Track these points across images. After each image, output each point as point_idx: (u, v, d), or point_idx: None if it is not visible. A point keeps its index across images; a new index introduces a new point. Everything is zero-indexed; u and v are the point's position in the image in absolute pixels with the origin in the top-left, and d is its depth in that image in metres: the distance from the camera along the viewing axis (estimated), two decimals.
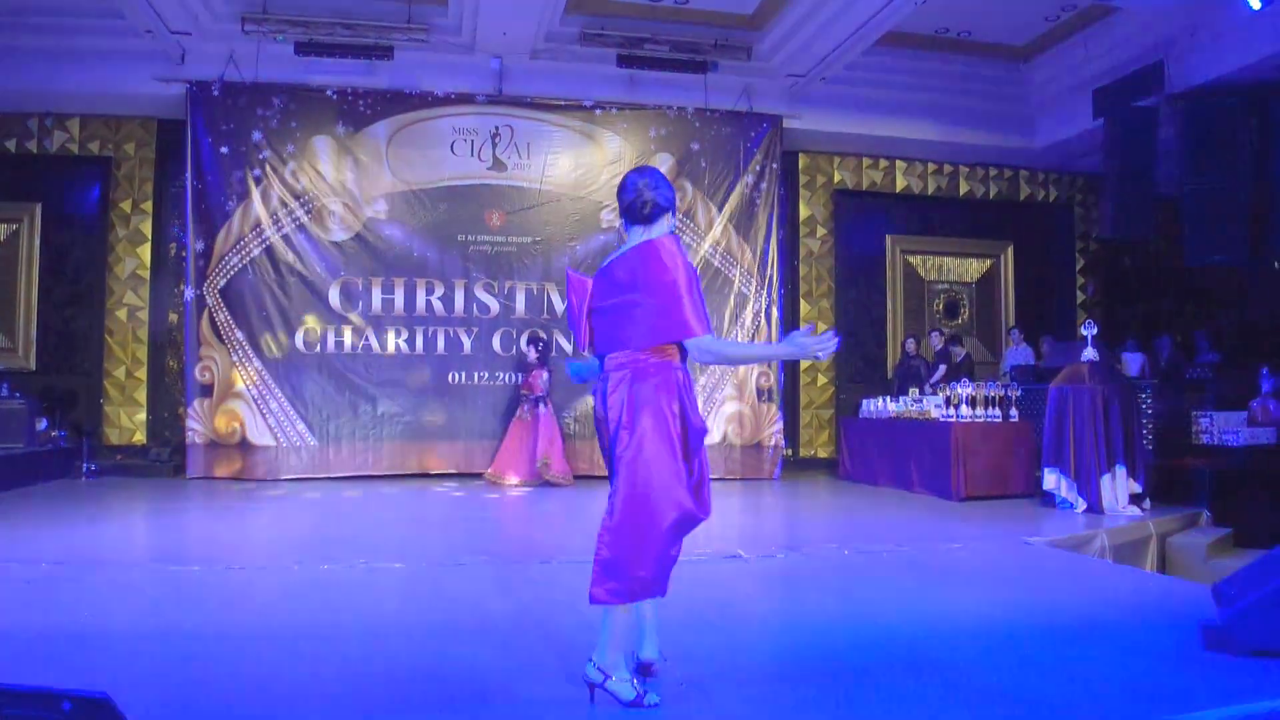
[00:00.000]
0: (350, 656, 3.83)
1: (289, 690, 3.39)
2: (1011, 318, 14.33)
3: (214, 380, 11.26)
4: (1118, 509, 8.30)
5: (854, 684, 3.51)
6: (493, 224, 12.04)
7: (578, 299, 3.53)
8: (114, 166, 11.82)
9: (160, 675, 3.49)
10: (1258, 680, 3.48)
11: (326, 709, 3.23)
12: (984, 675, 3.62)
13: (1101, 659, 3.84)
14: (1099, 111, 11.74)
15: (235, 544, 6.80)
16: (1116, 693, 3.39)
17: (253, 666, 3.65)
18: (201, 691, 3.34)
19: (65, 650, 3.82)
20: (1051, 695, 3.38)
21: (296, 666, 3.68)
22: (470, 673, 3.61)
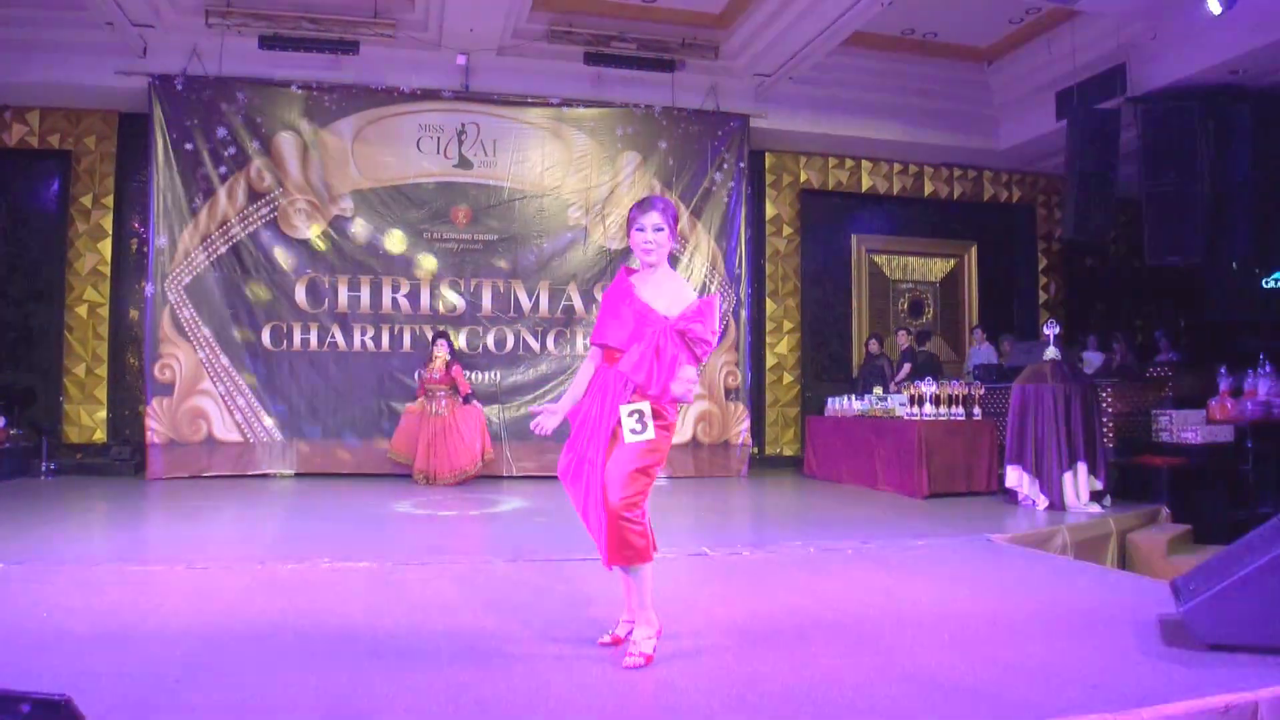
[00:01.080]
0: (314, 654, 3.80)
1: (251, 691, 3.36)
2: (975, 317, 14.47)
3: (175, 378, 11.14)
4: (1079, 506, 8.40)
5: (816, 679, 3.53)
6: (459, 221, 11.99)
7: None
8: (74, 160, 11.66)
9: (120, 676, 3.45)
10: (1216, 674, 3.53)
11: (290, 706, 3.21)
12: (945, 669, 3.65)
13: (1062, 653, 3.88)
14: (1061, 113, 11.90)
15: (198, 543, 6.73)
16: (1077, 687, 3.42)
17: (214, 667, 3.61)
18: (162, 693, 3.30)
19: (24, 652, 3.76)
20: (1011, 688, 3.42)
21: (259, 667, 3.64)
22: (435, 669, 3.59)
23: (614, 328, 3.86)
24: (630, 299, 3.87)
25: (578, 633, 4.18)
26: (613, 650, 3.87)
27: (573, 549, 6.33)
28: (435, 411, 10.86)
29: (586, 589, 5.15)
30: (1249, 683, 3.36)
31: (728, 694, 3.37)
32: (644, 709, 3.24)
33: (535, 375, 12.09)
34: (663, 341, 3.74)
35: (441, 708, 3.20)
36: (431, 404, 10.89)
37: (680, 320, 3.76)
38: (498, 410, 11.85)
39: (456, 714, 3.16)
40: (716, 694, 3.37)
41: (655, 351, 3.74)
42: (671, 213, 3.92)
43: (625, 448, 3.73)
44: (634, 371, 3.74)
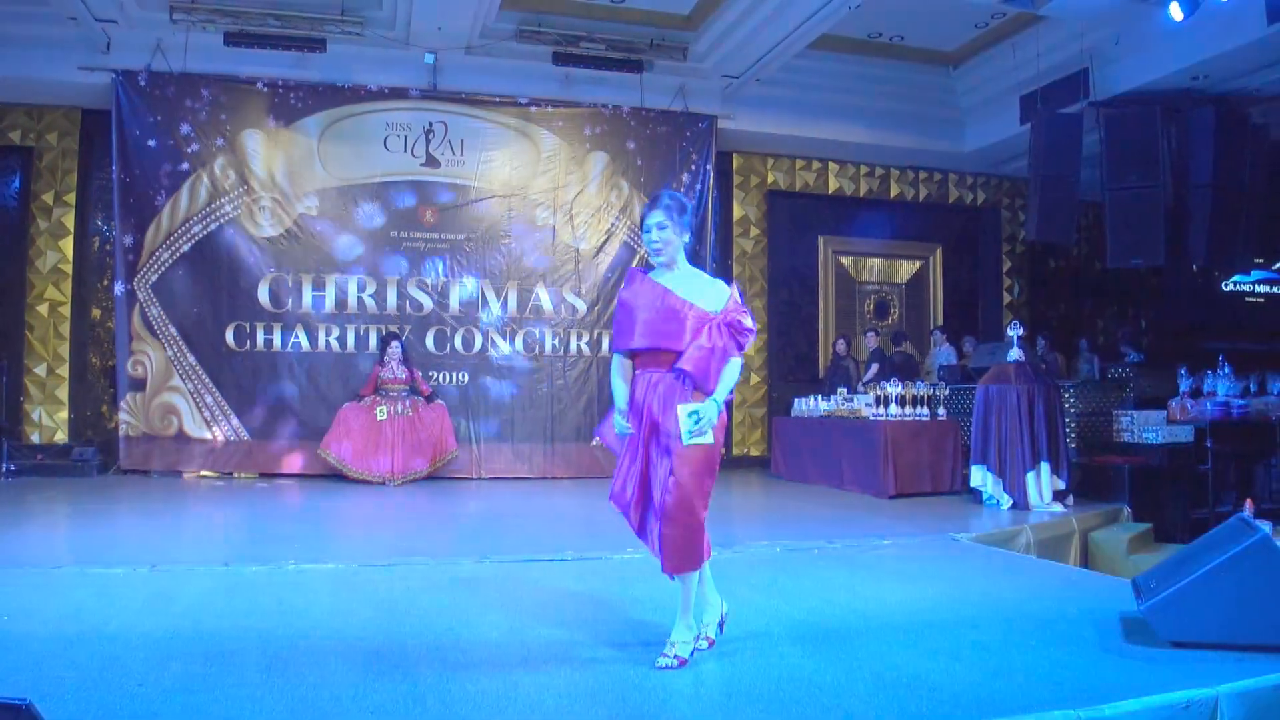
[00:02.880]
0: (279, 657, 3.77)
1: (215, 695, 3.33)
2: (940, 318, 14.58)
3: (146, 374, 11.07)
4: (1042, 505, 8.49)
5: (784, 678, 3.55)
6: (426, 220, 11.94)
7: None
8: (35, 157, 11.49)
9: (83, 680, 3.41)
10: (1177, 670, 3.58)
11: (254, 710, 3.18)
12: (910, 667, 3.68)
13: (1026, 650, 3.92)
14: (1025, 117, 12.02)
15: (162, 544, 6.66)
16: (1040, 683, 3.46)
17: (178, 670, 3.57)
18: (125, 696, 3.26)
19: None
20: (975, 685, 3.45)
21: (222, 670, 3.61)
22: (401, 671, 3.58)
23: (653, 328, 3.79)
24: (665, 296, 3.80)
25: (546, 633, 4.17)
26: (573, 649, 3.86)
27: (539, 549, 6.34)
28: (399, 411, 10.82)
29: (554, 588, 5.15)
30: (1209, 679, 3.41)
31: (696, 693, 3.38)
32: (608, 710, 3.24)
33: (503, 376, 12.05)
34: (717, 337, 3.73)
35: (409, 709, 3.19)
36: (393, 404, 10.85)
37: (725, 314, 3.76)
38: (465, 411, 11.81)
39: (424, 715, 3.15)
40: (684, 692, 3.38)
41: (713, 348, 3.71)
42: (676, 205, 3.86)
43: (688, 451, 3.69)
44: (697, 371, 3.69)
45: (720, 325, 3.73)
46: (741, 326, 3.77)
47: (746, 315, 3.81)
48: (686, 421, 3.63)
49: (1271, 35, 9.31)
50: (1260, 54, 9.94)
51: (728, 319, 3.75)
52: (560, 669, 3.65)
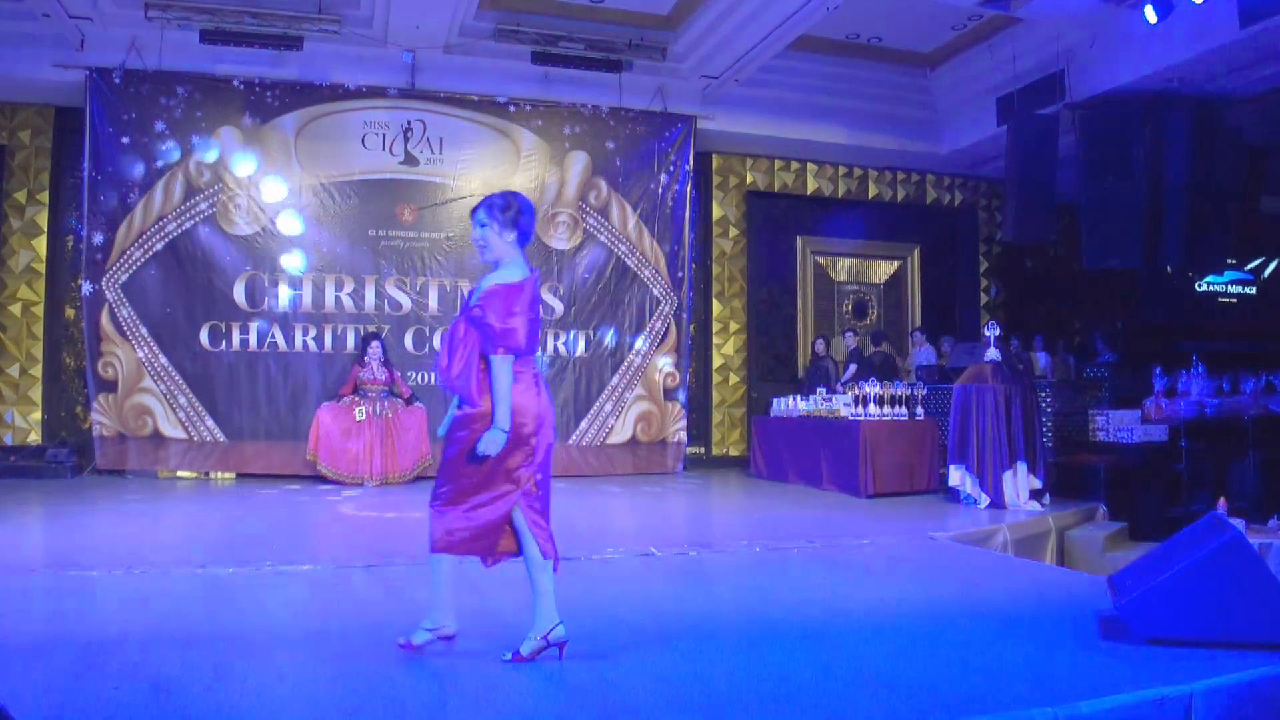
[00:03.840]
0: (257, 660, 3.75)
1: (192, 695, 3.31)
2: (918, 318, 14.64)
3: (117, 376, 10.94)
4: (1019, 504, 8.54)
5: (762, 675, 3.55)
6: (405, 219, 11.89)
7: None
8: (8, 155, 11.34)
9: (57, 684, 3.38)
10: (1152, 667, 3.61)
11: (230, 713, 3.16)
12: (889, 665, 3.70)
13: (1002, 648, 3.95)
14: (1002, 119, 12.09)
15: (137, 546, 6.60)
16: (1017, 680, 3.48)
17: (154, 673, 3.54)
18: (100, 700, 3.23)
19: None
20: (954, 683, 3.47)
21: (199, 671, 3.58)
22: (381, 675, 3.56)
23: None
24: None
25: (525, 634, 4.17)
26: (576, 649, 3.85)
27: None
28: (378, 412, 10.72)
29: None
30: (1183, 676, 3.45)
31: (674, 693, 3.38)
32: (586, 708, 3.24)
33: None
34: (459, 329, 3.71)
35: (388, 711, 3.18)
36: (372, 405, 10.75)
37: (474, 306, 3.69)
38: (443, 411, 11.74)
39: (403, 717, 3.14)
40: (663, 693, 3.38)
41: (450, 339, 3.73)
42: (500, 203, 3.83)
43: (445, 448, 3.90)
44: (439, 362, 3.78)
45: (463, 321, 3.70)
46: (479, 319, 3.66)
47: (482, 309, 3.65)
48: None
49: (1245, 38, 9.38)
50: (1234, 56, 10.02)
51: (469, 312, 3.69)
52: (538, 669, 3.64)
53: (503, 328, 3.63)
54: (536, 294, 3.87)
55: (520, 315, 3.69)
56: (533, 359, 3.89)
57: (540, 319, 3.98)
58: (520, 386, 3.73)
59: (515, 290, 3.70)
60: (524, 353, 3.75)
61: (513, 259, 3.83)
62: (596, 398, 12.36)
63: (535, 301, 3.84)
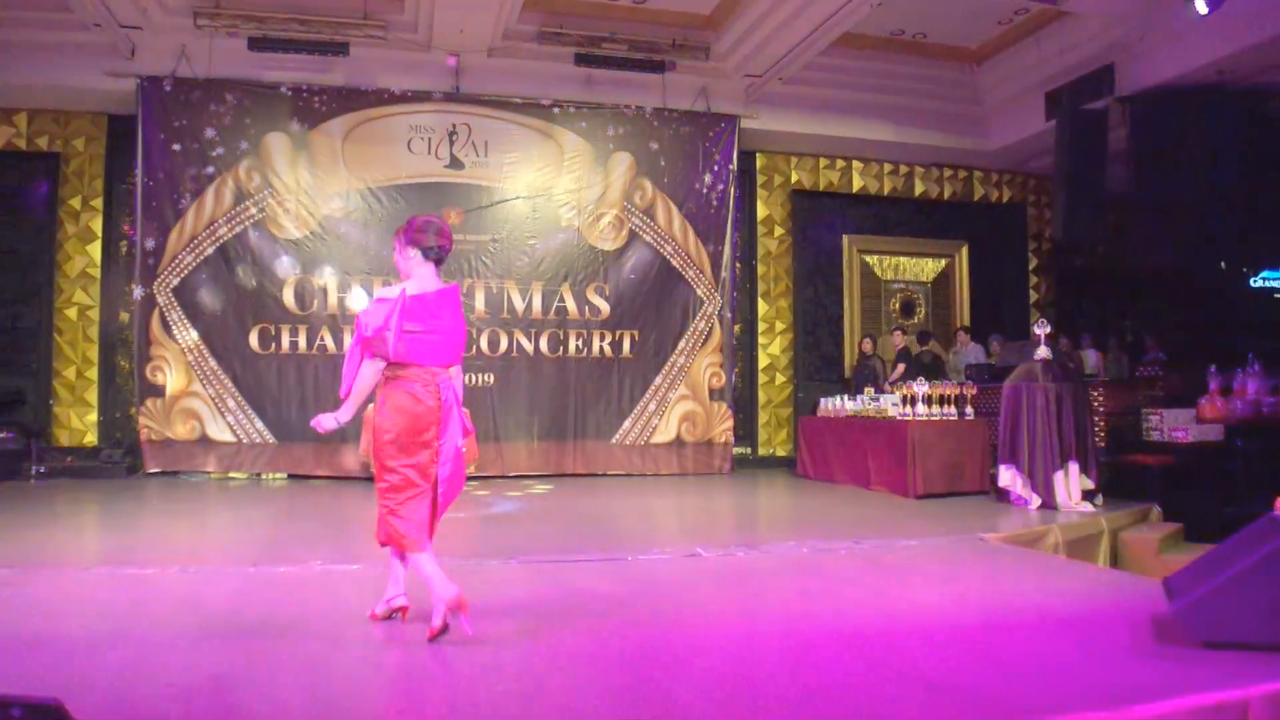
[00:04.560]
0: (307, 656, 3.79)
1: (244, 690, 3.35)
2: (966, 317, 14.49)
3: (166, 380, 11.12)
4: (1071, 505, 8.40)
5: (811, 678, 3.53)
6: (451, 222, 11.92)
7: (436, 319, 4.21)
8: (62, 163, 11.60)
9: (113, 680, 3.44)
10: (1209, 671, 3.53)
11: (283, 708, 3.19)
12: (937, 668, 3.65)
13: (1056, 652, 3.89)
14: (1050, 113, 11.93)
15: (191, 545, 6.71)
16: (1069, 684, 3.43)
17: (207, 669, 3.60)
18: (154, 696, 3.28)
19: (15, 655, 3.74)
20: (1004, 687, 3.42)
21: (251, 669, 3.63)
22: (429, 672, 3.59)
23: None
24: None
25: (572, 633, 4.17)
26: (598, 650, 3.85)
27: (566, 551, 6.34)
28: None
29: (579, 589, 5.14)
30: (1241, 680, 3.37)
31: (720, 693, 3.37)
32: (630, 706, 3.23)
33: (527, 376, 12.07)
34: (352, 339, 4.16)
35: (436, 709, 3.19)
36: None
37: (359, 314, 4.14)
38: (490, 411, 11.85)
39: (450, 715, 3.15)
40: (709, 693, 3.37)
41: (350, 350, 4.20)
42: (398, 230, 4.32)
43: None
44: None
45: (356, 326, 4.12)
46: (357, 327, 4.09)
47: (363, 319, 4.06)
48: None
49: None
50: None
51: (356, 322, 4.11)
52: (586, 670, 3.65)
53: (370, 336, 4.04)
54: (434, 308, 4.18)
55: (389, 326, 4.03)
56: (426, 369, 4.15)
57: (441, 332, 4.21)
58: (403, 391, 4.11)
59: (387, 303, 4.08)
60: (402, 361, 4.10)
61: (415, 274, 4.24)
62: (640, 398, 12.37)
63: (425, 315, 4.13)
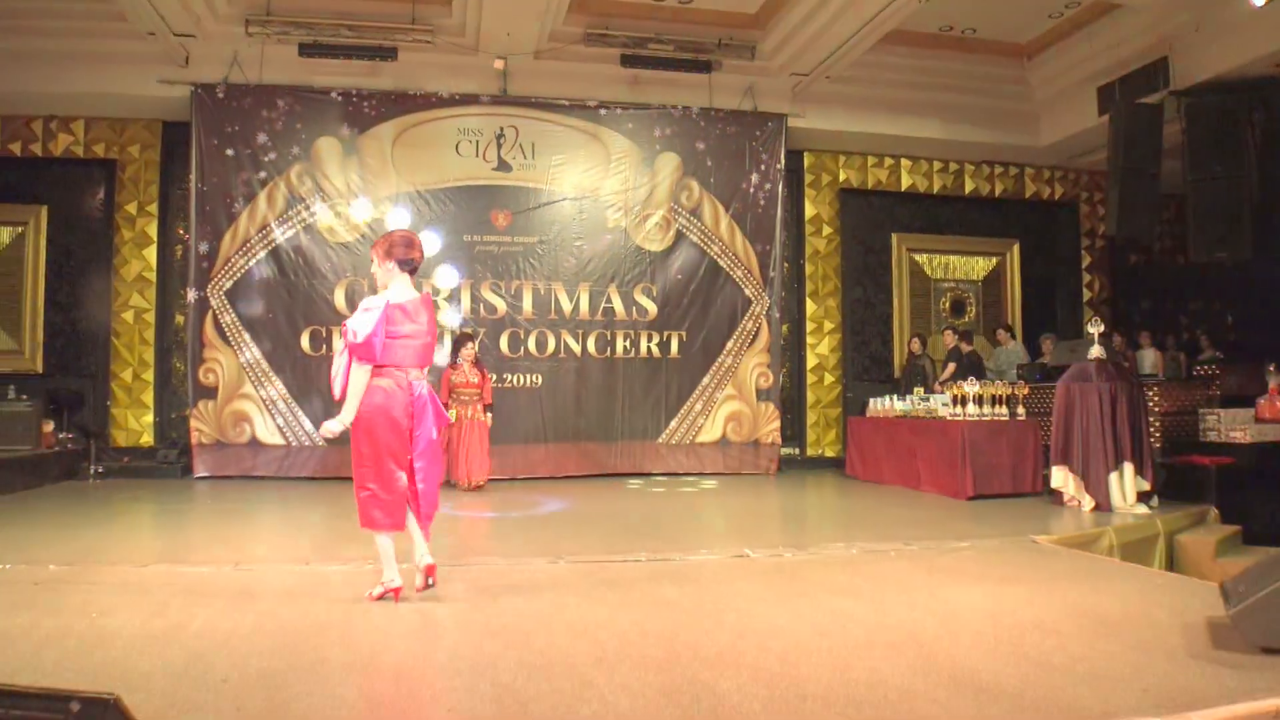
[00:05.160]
0: (358, 654, 3.84)
1: (297, 688, 3.39)
2: (1018, 316, 14.32)
3: (218, 382, 11.29)
4: (1125, 507, 8.27)
5: (857, 679, 3.50)
6: (499, 224, 12.04)
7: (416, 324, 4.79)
8: (119, 169, 11.86)
9: (168, 675, 3.50)
10: (1266, 677, 3.47)
11: (334, 705, 3.23)
12: (988, 671, 3.61)
13: (1110, 656, 3.83)
14: (1103, 108, 11.75)
15: (243, 544, 6.81)
16: (1124, 689, 3.38)
17: (260, 665, 3.65)
18: (209, 691, 3.34)
19: (73, 651, 3.82)
20: (1057, 691, 3.38)
21: (304, 664, 3.68)
22: (477, 670, 3.61)
23: None
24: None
25: (620, 634, 4.17)
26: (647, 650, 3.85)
27: (613, 550, 6.34)
28: (470, 416, 10.35)
29: (628, 589, 5.14)
30: None
31: (768, 695, 3.35)
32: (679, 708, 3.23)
33: (575, 377, 12.11)
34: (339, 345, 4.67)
35: (486, 708, 3.21)
36: (464, 408, 10.34)
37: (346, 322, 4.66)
38: (539, 411, 11.90)
39: (501, 714, 3.17)
40: (757, 694, 3.36)
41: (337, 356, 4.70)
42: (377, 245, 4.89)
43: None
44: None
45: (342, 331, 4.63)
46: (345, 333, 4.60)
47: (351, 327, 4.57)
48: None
49: None
50: None
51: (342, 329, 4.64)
52: (634, 669, 3.65)
53: (360, 343, 4.54)
54: (412, 314, 4.75)
55: (376, 333, 4.55)
56: (403, 369, 4.72)
57: (417, 335, 4.77)
58: (381, 390, 4.64)
59: (373, 311, 4.60)
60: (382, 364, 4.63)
61: (393, 284, 4.79)
62: (687, 398, 12.36)
63: (404, 321, 4.69)
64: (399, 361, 4.70)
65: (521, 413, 11.73)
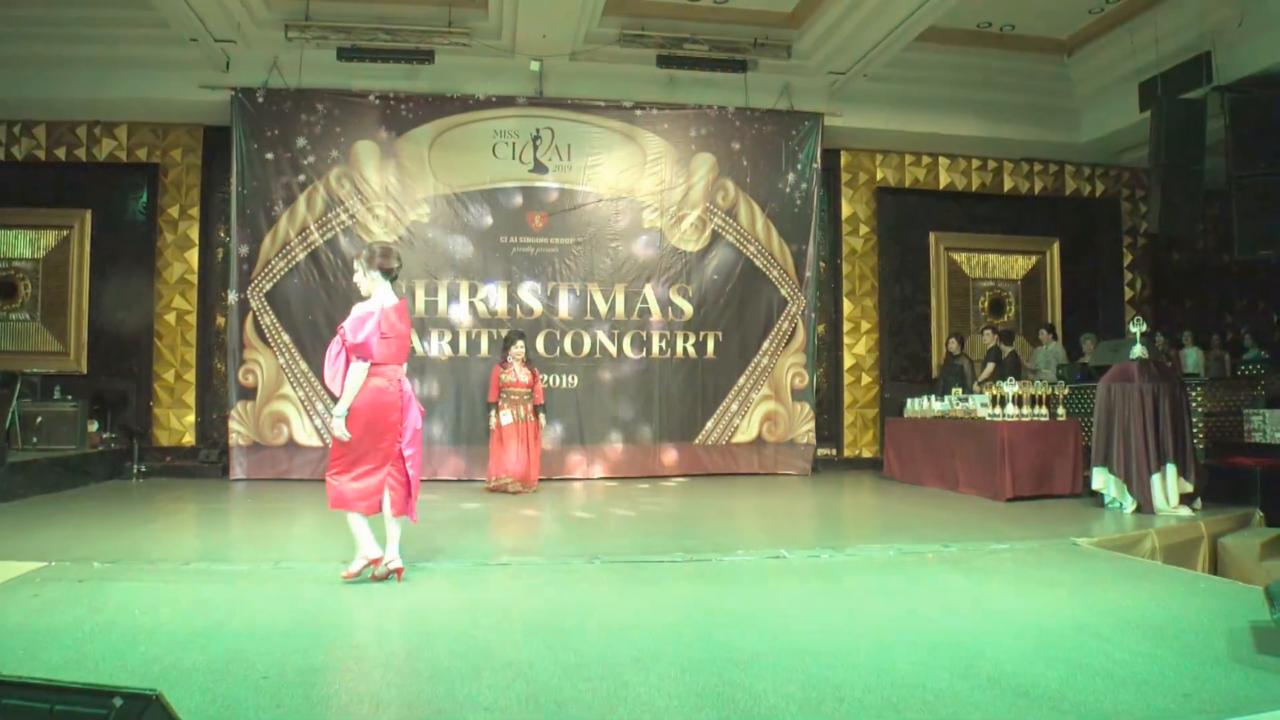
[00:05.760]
0: (395, 652, 3.86)
1: (335, 685, 3.42)
2: (1058, 315, 14.18)
3: (257, 383, 11.41)
4: (1168, 509, 8.15)
5: (895, 681, 3.48)
6: (535, 226, 12.08)
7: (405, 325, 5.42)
8: (161, 173, 12.06)
9: (209, 671, 3.54)
10: None
11: (372, 703, 3.26)
12: (1028, 674, 3.58)
13: (1151, 661, 3.78)
14: (1145, 104, 11.59)
15: (283, 542, 6.88)
16: (1166, 694, 3.33)
17: (300, 662, 3.68)
18: (249, 687, 3.37)
19: (116, 647, 3.88)
20: (1098, 696, 3.33)
21: (342, 662, 3.71)
22: (514, 669, 3.62)
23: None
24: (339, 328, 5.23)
25: (655, 633, 4.17)
26: (683, 650, 3.84)
27: (649, 551, 6.34)
28: (523, 417, 10.09)
29: (663, 589, 5.14)
30: None
31: (806, 697, 3.34)
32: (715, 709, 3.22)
33: (612, 378, 12.12)
34: (334, 347, 5.18)
35: (522, 708, 3.22)
36: (515, 409, 10.06)
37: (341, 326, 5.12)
38: (576, 413, 11.93)
39: (537, 714, 3.18)
40: (794, 696, 3.34)
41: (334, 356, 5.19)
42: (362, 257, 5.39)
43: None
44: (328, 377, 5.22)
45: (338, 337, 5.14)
46: (341, 335, 5.13)
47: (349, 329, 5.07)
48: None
49: None
50: None
51: (340, 331, 5.13)
52: (669, 669, 3.65)
53: (360, 342, 5.06)
54: (396, 318, 5.27)
55: (373, 334, 5.08)
56: (390, 367, 5.25)
57: (402, 336, 5.36)
58: (375, 386, 5.13)
59: (367, 315, 5.13)
60: (376, 361, 5.13)
61: (378, 291, 5.29)
62: (723, 398, 12.34)
63: (391, 324, 5.21)
64: (390, 359, 5.23)
65: (557, 413, 11.75)
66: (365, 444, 5.15)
